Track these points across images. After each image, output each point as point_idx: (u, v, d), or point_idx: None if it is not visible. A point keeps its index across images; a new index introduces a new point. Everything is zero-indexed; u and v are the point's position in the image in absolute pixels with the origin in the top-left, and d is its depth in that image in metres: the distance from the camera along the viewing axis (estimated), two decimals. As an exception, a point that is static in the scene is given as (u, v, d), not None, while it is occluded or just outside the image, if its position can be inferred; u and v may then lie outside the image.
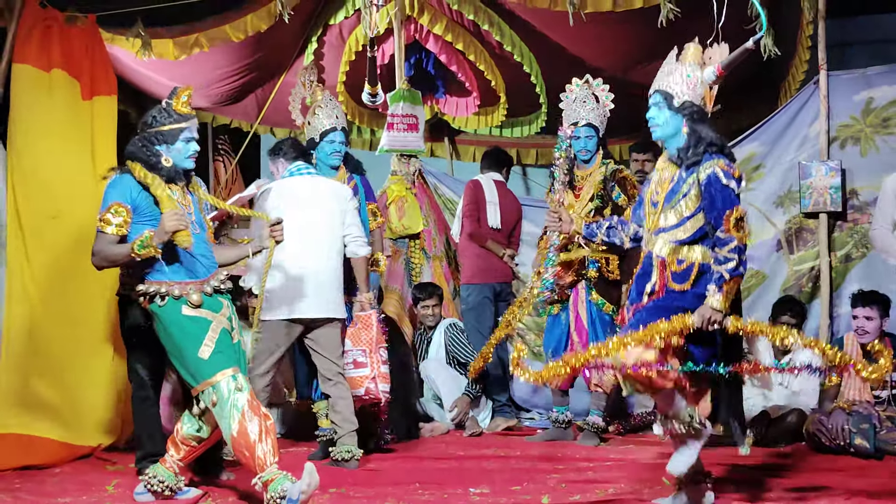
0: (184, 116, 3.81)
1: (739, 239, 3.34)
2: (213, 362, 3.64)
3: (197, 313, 3.70)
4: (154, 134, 3.78)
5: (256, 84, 7.36)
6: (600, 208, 5.15)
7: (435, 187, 6.96)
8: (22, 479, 4.31)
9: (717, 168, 3.40)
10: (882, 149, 5.66)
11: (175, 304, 3.69)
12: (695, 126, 3.48)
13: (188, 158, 3.82)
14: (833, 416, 4.74)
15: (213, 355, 3.65)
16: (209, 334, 3.68)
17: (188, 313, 3.69)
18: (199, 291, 3.72)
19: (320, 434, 4.95)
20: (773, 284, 5.79)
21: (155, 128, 3.78)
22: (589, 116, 5.19)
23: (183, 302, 3.69)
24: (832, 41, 5.72)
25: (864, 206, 5.67)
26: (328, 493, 3.91)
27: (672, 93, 3.53)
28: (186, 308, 3.69)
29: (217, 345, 3.67)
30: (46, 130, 5.23)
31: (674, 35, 5.76)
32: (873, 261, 5.59)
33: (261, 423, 3.55)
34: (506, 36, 6.72)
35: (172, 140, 3.78)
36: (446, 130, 8.25)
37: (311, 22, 6.95)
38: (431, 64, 7.35)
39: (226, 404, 3.58)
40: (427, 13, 6.64)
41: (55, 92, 5.27)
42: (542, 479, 4.17)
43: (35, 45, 5.25)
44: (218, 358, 3.65)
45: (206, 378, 3.63)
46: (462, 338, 6.04)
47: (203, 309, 3.71)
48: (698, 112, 3.51)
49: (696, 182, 3.44)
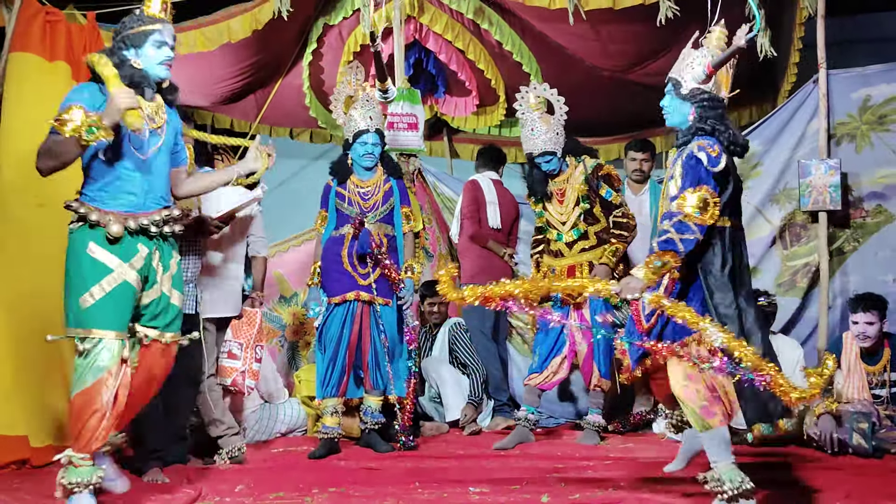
0: (154, 19, 3.59)
1: (688, 217, 3.23)
2: (91, 316, 3.38)
3: (100, 256, 3.41)
4: (122, 39, 3.55)
5: (256, 84, 7.36)
6: (588, 210, 5.14)
7: (434, 186, 6.96)
8: (21, 479, 4.30)
9: (695, 145, 3.36)
10: (877, 145, 5.68)
11: (86, 233, 3.42)
12: (704, 113, 3.43)
13: (161, 65, 3.57)
14: (821, 423, 4.74)
15: (92, 308, 3.39)
16: (100, 284, 3.40)
17: (91, 252, 3.41)
18: (121, 224, 3.43)
19: (322, 432, 4.96)
20: (766, 280, 5.78)
21: (122, 33, 3.56)
22: (546, 146, 5.11)
23: (97, 233, 3.41)
24: (831, 40, 5.71)
25: (857, 202, 5.69)
26: (328, 493, 3.91)
27: (681, 80, 3.51)
28: (94, 245, 3.41)
29: (104, 300, 3.40)
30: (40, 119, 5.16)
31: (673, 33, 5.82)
32: (865, 253, 5.64)
33: (103, 404, 3.31)
34: (505, 35, 6.72)
35: (140, 43, 3.54)
36: (445, 129, 8.26)
37: (309, 22, 6.94)
38: (431, 63, 7.34)
39: (88, 363, 3.35)
40: (427, 12, 6.64)
41: (57, 81, 5.22)
42: (542, 478, 4.16)
43: (37, 36, 5.19)
44: (97, 314, 3.38)
45: (80, 327, 3.38)
46: (465, 338, 6.05)
47: (109, 253, 3.43)
48: (709, 99, 3.46)
49: (680, 162, 3.41)
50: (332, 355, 4.99)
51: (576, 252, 5.15)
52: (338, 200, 5.10)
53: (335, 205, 5.11)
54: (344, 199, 5.08)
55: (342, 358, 4.99)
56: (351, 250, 5.00)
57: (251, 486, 4.04)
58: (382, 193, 5.11)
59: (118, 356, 3.42)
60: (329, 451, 4.91)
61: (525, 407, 5.24)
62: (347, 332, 4.98)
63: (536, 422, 5.28)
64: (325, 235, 5.14)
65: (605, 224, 5.17)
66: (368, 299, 5.01)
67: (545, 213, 5.28)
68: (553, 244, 5.26)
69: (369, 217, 5.04)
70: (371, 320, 5.03)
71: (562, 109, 5.17)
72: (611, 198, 5.13)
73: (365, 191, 5.11)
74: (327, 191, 5.16)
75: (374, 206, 5.08)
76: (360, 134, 5.05)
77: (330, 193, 5.14)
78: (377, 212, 5.08)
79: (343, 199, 5.08)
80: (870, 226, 5.66)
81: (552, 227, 5.26)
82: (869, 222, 5.66)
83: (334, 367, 4.98)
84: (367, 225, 5.02)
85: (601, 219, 5.17)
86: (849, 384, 4.95)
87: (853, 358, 4.99)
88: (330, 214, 5.13)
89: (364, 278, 5.00)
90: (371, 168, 5.12)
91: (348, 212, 5.07)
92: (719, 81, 3.53)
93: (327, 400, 4.98)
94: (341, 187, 5.11)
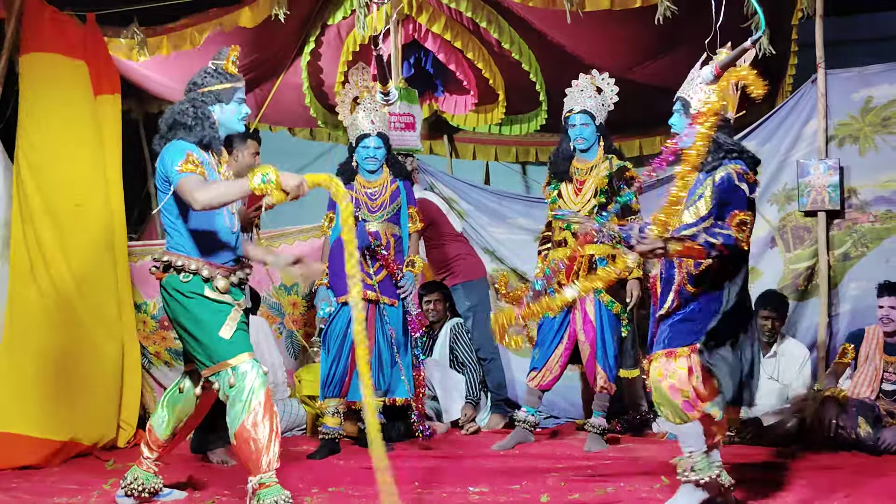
0: (235, 77, 3.61)
1: (734, 236, 3.35)
2: (235, 343, 3.48)
3: (221, 297, 3.52)
4: (207, 93, 3.54)
5: (255, 83, 7.35)
6: (604, 205, 5.05)
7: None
8: (20, 479, 4.31)
9: (732, 171, 3.43)
10: (882, 148, 5.64)
11: (199, 283, 3.50)
12: (716, 134, 3.44)
13: (241, 121, 3.64)
14: (826, 407, 4.80)
15: (235, 335, 3.49)
16: (231, 314, 3.51)
17: (211, 295, 3.50)
18: (226, 279, 3.54)
19: (323, 432, 4.97)
20: (767, 281, 5.78)
21: (207, 87, 3.55)
22: (585, 104, 5.11)
23: (208, 284, 3.51)
24: (831, 39, 5.71)
25: (862, 206, 5.65)
26: (328, 492, 3.91)
27: (689, 100, 3.56)
28: (209, 290, 3.50)
29: (239, 326, 3.52)
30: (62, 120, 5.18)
31: (672, 34, 5.82)
32: (872, 260, 5.60)
33: (272, 424, 3.42)
34: (504, 34, 6.71)
35: (227, 99, 3.57)
36: (445, 128, 8.25)
37: (308, 22, 6.94)
38: (430, 63, 7.34)
39: (244, 390, 3.41)
40: (425, 12, 6.63)
41: (77, 80, 5.23)
42: (542, 478, 4.17)
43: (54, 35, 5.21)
44: (240, 339, 3.50)
45: (226, 358, 3.46)
46: (465, 337, 6.07)
47: (227, 296, 3.54)
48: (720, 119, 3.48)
49: (711, 183, 3.46)
50: (336, 354, 4.99)
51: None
52: None
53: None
54: (350, 200, 5.08)
55: (345, 357, 4.99)
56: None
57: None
58: (389, 193, 5.14)
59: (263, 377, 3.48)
60: (329, 451, 4.92)
61: (525, 408, 5.22)
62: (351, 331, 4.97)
63: (536, 423, 5.27)
64: (333, 237, 5.16)
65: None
66: (374, 298, 5.02)
67: (559, 199, 5.23)
68: (559, 233, 5.16)
69: (375, 216, 5.07)
70: (376, 320, 5.04)
71: (611, 93, 5.19)
72: (630, 202, 5.07)
73: (372, 191, 5.13)
74: None
75: (381, 206, 5.11)
76: (363, 137, 5.07)
77: None
78: (384, 211, 5.11)
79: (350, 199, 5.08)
80: (878, 231, 5.60)
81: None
82: (878, 227, 5.61)
83: (337, 367, 4.99)
84: (375, 225, 5.06)
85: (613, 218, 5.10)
86: (861, 374, 4.98)
87: (873, 347, 5.02)
88: (337, 216, 5.14)
89: (370, 278, 5.00)
90: (374, 171, 5.14)
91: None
92: (726, 101, 3.54)
93: (329, 400, 4.99)
94: (348, 188, 5.12)
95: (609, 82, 5.24)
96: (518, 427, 5.21)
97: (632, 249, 3.42)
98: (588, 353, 5.09)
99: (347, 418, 5.21)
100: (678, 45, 6.15)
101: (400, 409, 5.29)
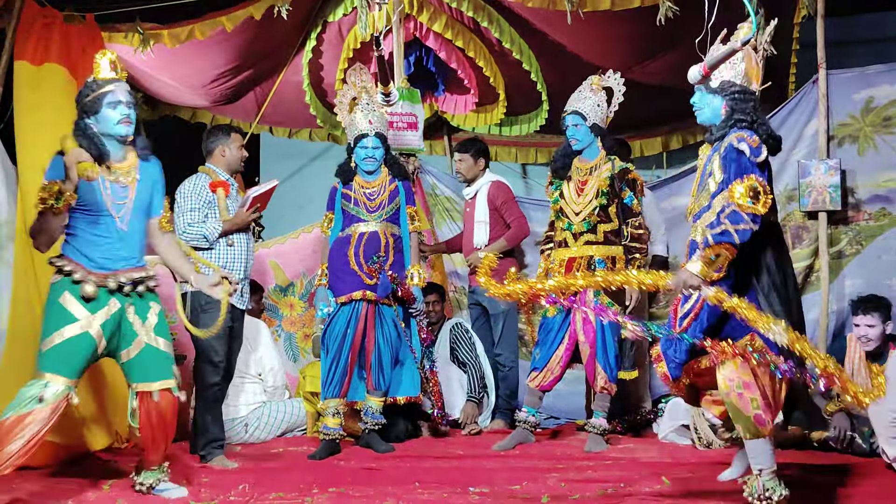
0: (105, 82, 3.67)
1: (740, 207, 3.15)
2: (47, 360, 3.54)
3: (70, 307, 3.56)
4: (81, 109, 3.65)
5: (255, 82, 7.35)
6: (604, 207, 5.07)
7: (433, 186, 6.96)
8: (20, 480, 4.30)
9: (734, 137, 3.29)
10: (882, 148, 5.65)
11: (64, 284, 3.58)
12: (734, 105, 3.38)
13: (119, 124, 3.64)
14: (836, 420, 4.75)
15: (49, 352, 3.55)
16: (61, 330, 3.55)
17: (63, 302, 3.56)
18: (98, 285, 3.59)
19: (324, 432, 4.97)
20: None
21: (80, 103, 3.66)
22: (577, 105, 5.09)
23: (73, 288, 3.57)
24: (832, 40, 5.70)
25: (860, 204, 5.68)
26: (328, 493, 3.91)
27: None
28: (69, 295, 3.56)
29: (62, 346, 3.55)
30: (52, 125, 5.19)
31: (672, 34, 5.81)
32: (867, 257, 5.62)
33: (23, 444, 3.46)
34: (505, 33, 6.71)
35: (96, 109, 3.62)
36: (445, 128, 8.25)
37: (309, 19, 6.94)
38: (431, 61, 7.34)
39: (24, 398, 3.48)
40: (426, 11, 6.63)
41: (47, 84, 5.26)
42: (542, 479, 4.16)
43: (30, 42, 5.25)
44: (52, 359, 3.54)
45: (38, 369, 3.55)
46: (466, 337, 6.06)
47: (81, 305, 3.57)
48: (739, 91, 3.41)
49: (717, 158, 3.34)
50: (336, 354, 5.00)
51: (580, 244, 5.07)
52: (343, 201, 5.15)
53: (341, 206, 5.16)
54: (350, 200, 5.13)
55: (345, 357, 5.00)
56: (357, 250, 5.04)
57: (251, 486, 4.03)
58: (388, 193, 5.15)
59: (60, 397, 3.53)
60: (330, 452, 4.92)
61: (526, 408, 5.22)
62: (352, 331, 5.00)
63: (537, 424, 5.27)
64: (332, 236, 5.17)
65: (617, 226, 5.10)
66: (374, 299, 5.04)
67: (560, 200, 5.23)
68: (560, 233, 5.18)
69: (374, 217, 5.08)
70: (376, 320, 5.06)
71: (616, 92, 5.18)
72: (631, 204, 5.06)
73: (370, 191, 5.15)
74: (333, 193, 5.23)
75: (379, 206, 5.12)
76: (361, 138, 5.09)
77: (336, 195, 5.21)
78: (383, 212, 5.13)
79: (349, 199, 5.14)
80: (872, 228, 5.63)
81: (564, 215, 5.18)
82: (872, 225, 5.63)
83: (337, 367, 5.00)
84: (374, 225, 5.08)
85: (614, 219, 5.10)
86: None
87: (857, 360, 4.97)
88: (336, 216, 5.19)
89: (370, 278, 5.02)
90: (373, 171, 5.15)
91: (354, 212, 5.11)
92: (749, 75, 3.46)
93: (329, 401, 5.00)
94: (347, 188, 5.17)
95: (619, 81, 5.21)
96: (519, 427, 5.21)
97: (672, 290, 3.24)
98: (588, 354, 5.08)
99: (348, 418, 5.21)
100: (678, 45, 6.14)
101: (402, 409, 5.29)
